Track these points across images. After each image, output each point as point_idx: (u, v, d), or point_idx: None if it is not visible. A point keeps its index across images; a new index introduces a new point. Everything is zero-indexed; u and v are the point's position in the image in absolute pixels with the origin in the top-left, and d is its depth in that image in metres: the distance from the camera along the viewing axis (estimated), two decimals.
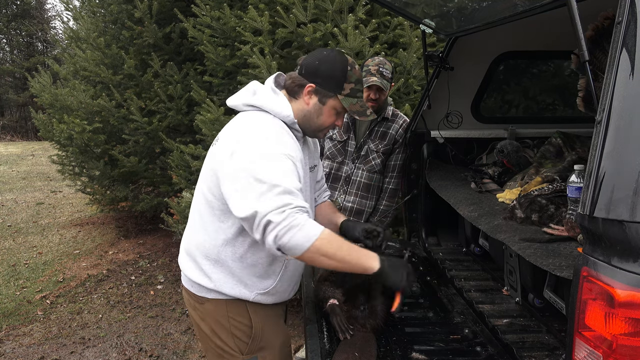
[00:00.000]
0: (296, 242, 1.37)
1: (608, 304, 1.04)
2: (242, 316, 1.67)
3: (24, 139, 17.14)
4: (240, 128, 1.58)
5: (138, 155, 5.00)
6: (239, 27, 3.80)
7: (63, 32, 6.91)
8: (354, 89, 1.63)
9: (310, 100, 1.63)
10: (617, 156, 1.05)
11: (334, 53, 1.64)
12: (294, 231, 1.36)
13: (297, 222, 1.37)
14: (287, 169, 1.46)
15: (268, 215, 1.36)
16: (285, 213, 1.36)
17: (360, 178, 2.85)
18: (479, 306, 1.97)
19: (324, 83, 1.61)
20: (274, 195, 1.38)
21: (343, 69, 1.60)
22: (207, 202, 1.61)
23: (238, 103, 1.67)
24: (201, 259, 1.65)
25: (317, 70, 1.61)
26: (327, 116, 1.66)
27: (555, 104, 3.22)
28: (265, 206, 1.37)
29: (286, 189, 1.40)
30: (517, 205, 1.95)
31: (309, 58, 1.66)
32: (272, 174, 1.41)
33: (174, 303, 4.04)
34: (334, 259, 1.44)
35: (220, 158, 1.54)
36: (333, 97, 1.62)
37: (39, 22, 18.61)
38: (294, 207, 1.38)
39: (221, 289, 1.63)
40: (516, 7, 1.86)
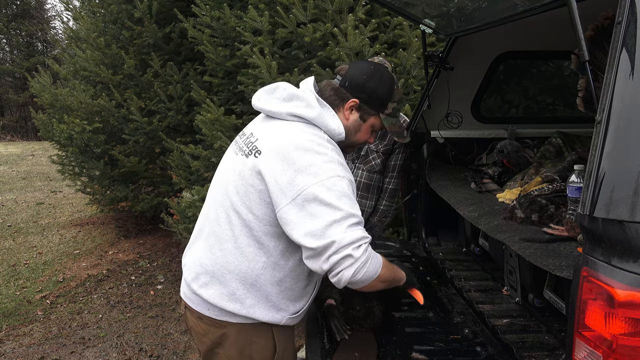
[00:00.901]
0: (368, 275, 1.35)
1: (608, 304, 1.04)
2: (267, 340, 1.56)
3: (24, 139, 17.13)
4: (299, 146, 1.40)
5: (138, 155, 5.00)
6: (239, 27, 3.80)
7: (63, 32, 6.91)
8: (396, 108, 1.59)
9: (350, 116, 1.55)
10: (617, 156, 1.05)
11: (382, 69, 1.57)
12: (368, 264, 1.34)
13: (370, 254, 1.35)
14: (353, 195, 1.40)
15: (348, 248, 1.30)
16: (362, 248, 1.32)
17: (360, 178, 2.85)
18: (479, 306, 1.97)
19: (369, 100, 1.54)
20: (350, 226, 1.32)
21: (390, 88, 1.55)
22: (244, 222, 1.46)
23: (280, 111, 1.50)
24: (235, 283, 1.49)
25: (364, 86, 1.53)
26: (364, 133, 1.60)
27: (555, 104, 3.22)
28: (344, 237, 1.30)
29: (360, 219, 1.35)
30: (517, 205, 1.95)
31: (354, 70, 1.56)
32: (345, 202, 1.34)
33: (174, 303, 4.04)
34: (387, 282, 1.48)
35: (274, 176, 1.39)
36: (375, 115, 1.57)
37: (39, 22, 18.61)
38: (368, 240, 1.35)
39: (253, 314, 1.51)
40: (516, 7, 1.86)
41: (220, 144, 3.51)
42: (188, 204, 3.61)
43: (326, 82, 1.60)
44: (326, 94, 1.55)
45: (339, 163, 1.41)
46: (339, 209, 1.32)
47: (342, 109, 1.55)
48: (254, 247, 1.46)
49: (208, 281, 1.53)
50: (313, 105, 1.48)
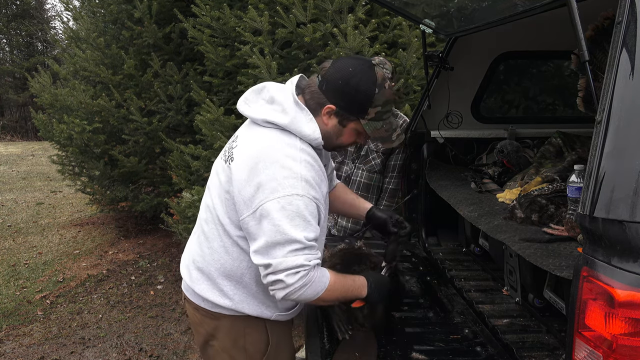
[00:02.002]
0: (304, 297, 1.41)
1: (608, 304, 1.04)
2: (260, 333, 1.60)
3: (24, 139, 17.13)
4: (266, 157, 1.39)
5: (138, 155, 5.00)
6: (239, 27, 3.80)
7: (63, 32, 6.91)
8: (380, 111, 1.44)
9: (329, 121, 1.47)
10: (617, 156, 1.05)
11: (363, 70, 1.42)
12: (304, 289, 1.37)
13: (309, 280, 1.37)
14: (312, 216, 1.38)
15: (280, 274, 1.35)
16: (299, 274, 1.35)
17: (360, 178, 2.85)
18: (479, 306, 1.97)
19: (345, 106, 1.44)
20: (292, 252, 1.34)
21: (369, 93, 1.41)
22: (223, 226, 1.50)
23: (256, 116, 1.48)
24: (222, 279, 1.54)
25: (341, 92, 1.42)
26: (347, 137, 1.52)
27: (555, 104, 3.23)
28: (280, 263, 1.34)
29: (305, 244, 1.35)
30: (517, 205, 1.95)
31: (332, 71, 1.44)
32: (296, 223, 1.34)
33: (174, 303, 4.04)
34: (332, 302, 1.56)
35: (239, 186, 1.41)
36: (355, 120, 1.47)
37: (39, 22, 18.60)
38: (309, 267, 1.37)
39: (242, 309, 1.55)
40: (516, 7, 1.86)
41: (220, 144, 3.51)
42: (188, 204, 3.60)
43: (309, 81, 1.53)
44: (306, 97, 1.49)
45: (302, 179, 1.36)
46: (284, 233, 1.33)
47: (320, 114, 1.47)
48: (237, 247, 1.50)
49: (199, 277, 1.58)
50: (287, 111, 1.44)
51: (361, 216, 1.90)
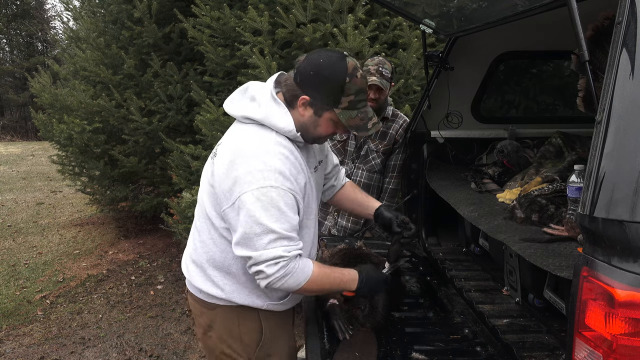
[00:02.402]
0: (286, 287, 1.47)
1: (608, 304, 1.04)
2: (253, 322, 1.64)
3: (24, 139, 17.13)
4: (243, 152, 1.46)
5: (138, 155, 5.00)
6: (239, 27, 3.80)
7: (63, 32, 6.91)
8: (354, 100, 1.47)
9: (305, 112, 1.50)
10: (617, 156, 1.05)
11: (332, 60, 1.45)
12: (285, 279, 1.43)
13: (289, 271, 1.42)
14: (288, 207, 1.42)
15: (261, 265, 1.41)
16: (279, 265, 1.41)
17: (360, 178, 2.85)
18: (479, 306, 1.97)
19: (318, 96, 1.47)
20: (270, 242, 1.40)
21: (340, 82, 1.43)
22: (210, 219, 1.56)
23: (236, 113, 1.56)
24: (212, 270, 1.60)
25: (311, 82, 1.46)
26: (325, 127, 1.54)
27: (555, 104, 3.23)
28: (258, 255, 1.40)
29: (282, 234, 1.40)
30: (517, 205, 1.95)
31: (305, 63, 1.49)
32: (271, 214, 1.39)
33: (174, 303, 4.04)
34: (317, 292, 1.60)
35: (220, 179, 1.48)
36: (329, 110, 1.49)
37: (39, 22, 18.60)
38: (288, 258, 1.41)
39: (233, 299, 1.60)
40: (516, 7, 1.86)
41: None
42: (188, 204, 3.60)
43: (287, 75, 1.56)
44: (283, 91, 1.54)
45: (276, 171, 1.41)
46: (260, 224, 1.38)
47: (296, 105, 1.50)
48: (223, 239, 1.55)
49: (194, 269, 1.66)
50: (262, 106, 1.50)
51: (369, 215, 1.91)
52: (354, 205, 1.95)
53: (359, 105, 1.49)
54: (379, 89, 2.61)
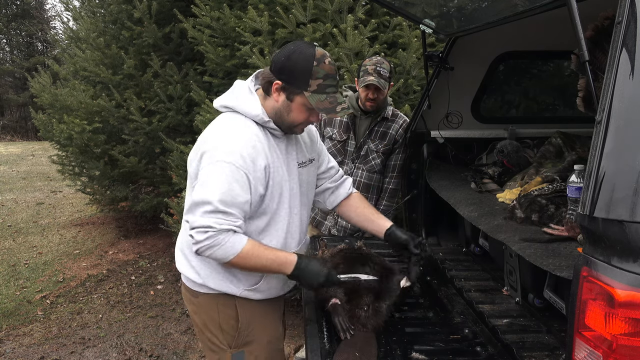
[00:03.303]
0: (215, 257, 1.55)
1: (608, 304, 1.04)
2: (231, 310, 1.71)
3: (24, 139, 17.13)
4: (211, 131, 1.63)
5: (138, 155, 5.00)
6: (239, 28, 3.80)
7: (63, 32, 6.91)
8: (322, 84, 1.56)
9: (279, 97, 1.61)
10: (617, 156, 1.05)
11: (301, 47, 1.57)
12: (213, 249, 1.51)
13: (217, 242, 1.51)
14: (238, 183, 1.51)
15: (193, 231, 1.52)
16: (207, 234, 1.50)
17: (360, 178, 2.85)
18: (479, 306, 1.97)
19: (289, 79, 1.57)
20: (203, 213, 1.50)
21: (307, 65, 1.54)
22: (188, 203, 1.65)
23: (217, 105, 1.70)
24: (190, 254, 1.70)
25: (283, 67, 1.57)
26: (297, 113, 1.62)
27: (555, 104, 3.23)
28: (193, 220, 1.52)
29: (217, 208, 1.49)
30: (517, 205, 1.95)
31: (278, 52, 1.62)
32: (215, 185, 1.50)
33: (174, 303, 4.04)
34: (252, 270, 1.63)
35: (191, 160, 1.63)
36: (300, 94, 1.58)
37: (39, 22, 18.60)
38: (217, 230, 1.49)
39: (208, 283, 1.69)
40: (516, 7, 1.86)
41: None
42: None
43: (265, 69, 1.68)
44: (261, 81, 1.65)
45: (234, 150, 1.52)
46: (204, 193, 1.50)
47: (271, 91, 1.60)
48: None
49: (178, 255, 1.79)
50: (235, 94, 1.65)
51: (379, 233, 1.92)
52: (361, 219, 1.97)
53: (327, 89, 1.57)
54: (376, 88, 2.60)
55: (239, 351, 1.74)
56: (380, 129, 2.81)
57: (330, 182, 1.96)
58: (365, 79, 2.57)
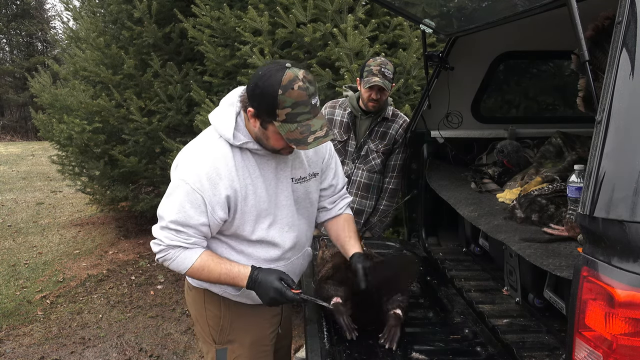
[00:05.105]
0: (173, 268, 1.60)
1: (608, 304, 1.04)
2: (215, 307, 1.74)
3: (24, 139, 17.13)
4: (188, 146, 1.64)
5: (138, 155, 4.99)
6: (239, 27, 3.80)
7: (63, 32, 6.92)
8: (291, 113, 1.42)
9: (255, 124, 1.51)
10: (617, 156, 1.05)
11: (269, 72, 1.43)
12: (167, 262, 1.58)
13: (168, 257, 1.56)
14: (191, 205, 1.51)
15: (152, 241, 1.59)
16: (160, 247, 1.56)
17: (360, 178, 2.85)
18: (479, 306, 1.97)
19: (258, 108, 1.47)
20: (160, 227, 1.56)
21: (272, 93, 1.41)
22: None
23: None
24: None
25: (252, 94, 1.47)
26: (274, 140, 1.51)
27: (555, 104, 3.23)
28: (153, 231, 1.59)
29: (168, 226, 1.53)
30: (517, 205, 1.95)
31: (252, 76, 1.51)
32: (172, 203, 1.53)
33: (174, 303, 4.04)
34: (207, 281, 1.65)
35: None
36: (271, 122, 1.47)
37: (39, 22, 18.60)
38: (166, 245, 1.55)
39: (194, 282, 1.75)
40: (516, 7, 1.86)
41: None
42: None
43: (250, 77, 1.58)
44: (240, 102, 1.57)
45: (195, 170, 1.51)
46: (162, 208, 1.56)
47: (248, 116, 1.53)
48: None
49: None
50: (217, 110, 1.61)
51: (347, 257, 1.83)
52: (336, 240, 1.88)
53: (299, 118, 1.44)
54: (380, 89, 2.61)
55: (223, 348, 1.76)
56: (380, 129, 2.81)
57: (328, 202, 1.88)
58: (370, 79, 2.57)
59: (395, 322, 1.75)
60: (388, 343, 1.68)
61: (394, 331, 1.72)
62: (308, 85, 1.43)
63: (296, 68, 1.44)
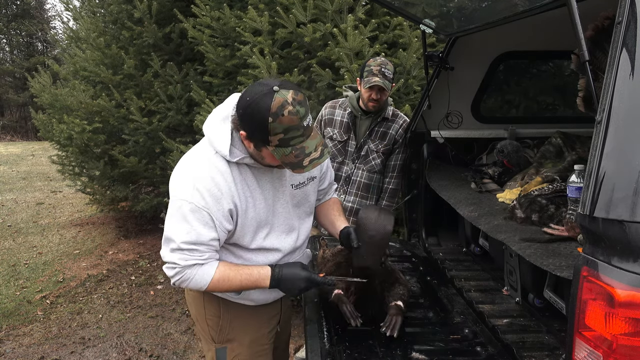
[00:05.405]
0: (192, 287, 1.60)
1: (608, 304, 1.04)
2: (215, 308, 1.75)
3: (24, 139, 17.13)
4: (182, 163, 1.60)
5: (138, 155, 4.99)
6: (239, 28, 3.80)
7: (63, 32, 6.92)
8: (284, 138, 1.40)
9: (249, 145, 1.49)
10: (617, 156, 1.05)
11: (257, 97, 1.39)
12: (185, 282, 1.57)
13: (186, 277, 1.55)
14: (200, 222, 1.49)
15: (164, 266, 1.59)
16: (175, 270, 1.55)
17: (360, 178, 2.85)
18: (479, 306, 1.97)
19: (250, 133, 1.45)
20: (169, 250, 1.54)
21: (263, 121, 1.38)
22: None
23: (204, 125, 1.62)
24: None
25: (242, 119, 1.45)
26: (270, 160, 1.51)
27: (555, 104, 3.23)
28: (163, 255, 1.57)
29: (181, 247, 1.51)
30: (517, 205, 1.95)
31: (240, 98, 1.47)
32: (179, 225, 1.51)
33: (174, 303, 4.04)
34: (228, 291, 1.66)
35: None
36: (264, 146, 1.45)
37: (39, 22, 18.60)
38: (182, 267, 1.53)
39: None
40: (516, 7, 1.86)
41: None
42: None
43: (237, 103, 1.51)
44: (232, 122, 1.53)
45: (195, 188, 1.49)
46: (169, 231, 1.53)
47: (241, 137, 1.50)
48: None
49: None
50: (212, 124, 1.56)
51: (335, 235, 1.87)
52: (325, 218, 1.93)
53: (292, 142, 1.42)
54: (381, 89, 2.61)
55: (223, 347, 1.77)
56: (380, 129, 2.81)
57: (321, 195, 1.94)
58: (370, 79, 2.57)
59: (397, 311, 1.78)
60: (389, 330, 1.71)
61: (395, 319, 1.75)
62: (298, 108, 1.39)
63: (284, 89, 1.39)
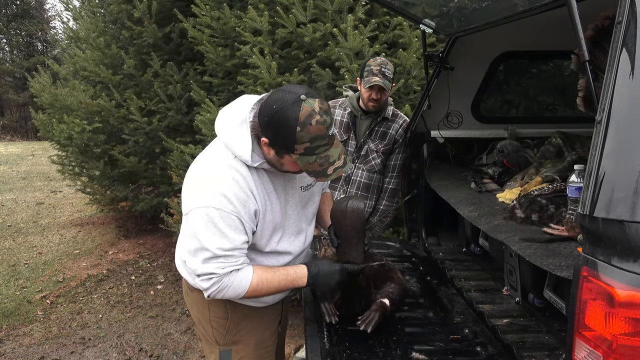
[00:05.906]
0: (229, 296, 1.56)
1: (608, 304, 1.04)
2: (221, 309, 1.73)
3: (24, 139, 17.12)
4: (200, 167, 1.56)
5: (138, 155, 4.99)
6: (239, 27, 3.80)
7: (63, 32, 6.92)
8: (310, 147, 1.42)
9: (269, 152, 1.50)
10: (617, 156, 1.05)
11: (285, 106, 1.39)
12: (223, 292, 1.53)
13: (224, 285, 1.52)
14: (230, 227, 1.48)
15: (198, 279, 1.53)
16: (212, 281, 1.51)
17: (360, 178, 2.85)
18: (479, 306, 1.97)
19: (274, 141, 1.45)
20: (204, 260, 1.50)
21: (291, 130, 1.39)
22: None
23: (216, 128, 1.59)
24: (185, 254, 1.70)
25: (267, 126, 1.44)
26: (290, 166, 1.52)
27: (555, 104, 3.23)
28: (195, 268, 1.52)
29: (216, 254, 1.48)
30: (517, 205, 1.95)
31: (263, 105, 1.46)
32: (210, 233, 1.47)
33: (174, 303, 4.04)
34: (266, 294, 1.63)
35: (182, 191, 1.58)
36: (288, 154, 1.46)
37: (39, 22, 18.59)
38: (220, 275, 1.50)
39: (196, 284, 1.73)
40: (516, 7, 1.86)
41: None
42: None
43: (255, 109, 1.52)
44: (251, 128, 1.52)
45: (220, 193, 1.46)
46: (199, 241, 1.48)
47: (260, 143, 1.50)
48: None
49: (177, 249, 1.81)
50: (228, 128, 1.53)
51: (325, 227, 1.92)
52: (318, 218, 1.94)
53: (317, 150, 1.44)
54: (381, 89, 2.61)
55: (228, 349, 1.76)
56: (380, 129, 2.81)
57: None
58: (370, 79, 2.57)
59: (377, 307, 1.76)
60: (364, 325, 1.70)
61: (372, 315, 1.74)
62: (325, 117, 1.41)
63: (311, 98, 1.41)
